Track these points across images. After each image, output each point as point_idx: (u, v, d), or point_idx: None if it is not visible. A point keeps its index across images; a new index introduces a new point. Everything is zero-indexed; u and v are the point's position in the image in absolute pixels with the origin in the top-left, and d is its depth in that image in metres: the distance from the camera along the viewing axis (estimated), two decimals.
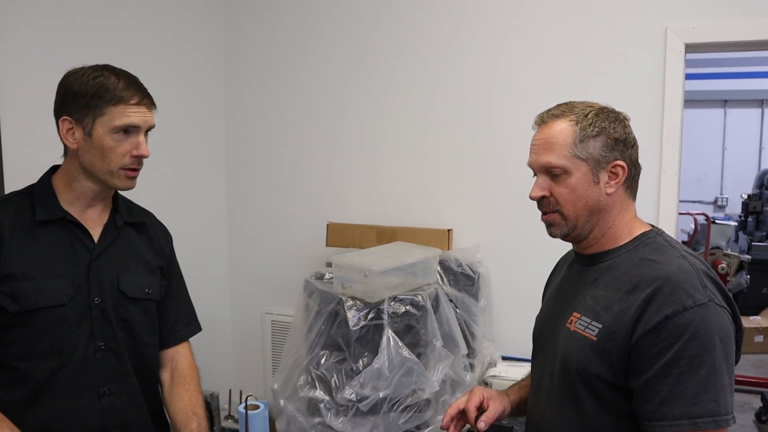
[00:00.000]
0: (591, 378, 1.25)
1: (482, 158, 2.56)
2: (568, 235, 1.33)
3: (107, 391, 1.50)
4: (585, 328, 1.27)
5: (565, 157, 1.27)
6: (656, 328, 1.16)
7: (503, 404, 1.49)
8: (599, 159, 1.27)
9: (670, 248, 1.28)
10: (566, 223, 1.31)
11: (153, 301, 1.61)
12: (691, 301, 1.16)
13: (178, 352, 1.69)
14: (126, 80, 1.45)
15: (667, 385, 1.15)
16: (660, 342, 1.16)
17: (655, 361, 1.16)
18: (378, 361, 1.92)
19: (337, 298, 2.03)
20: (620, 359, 1.21)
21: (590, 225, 1.31)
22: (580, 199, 1.28)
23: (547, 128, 1.31)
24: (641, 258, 1.27)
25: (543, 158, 1.29)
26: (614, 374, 1.22)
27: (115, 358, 1.51)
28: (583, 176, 1.27)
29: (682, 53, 2.26)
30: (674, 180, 2.34)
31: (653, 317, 1.17)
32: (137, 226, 1.63)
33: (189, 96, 2.81)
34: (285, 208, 2.94)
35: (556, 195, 1.30)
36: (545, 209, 1.33)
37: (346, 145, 2.79)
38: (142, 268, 1.60)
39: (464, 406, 1.46)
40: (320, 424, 1.98)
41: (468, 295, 2.35)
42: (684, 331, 1.14)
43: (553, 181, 1.29)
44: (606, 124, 1.29)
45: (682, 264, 1.22)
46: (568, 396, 1.31)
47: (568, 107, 1.32)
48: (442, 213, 2.61)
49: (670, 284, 1.18)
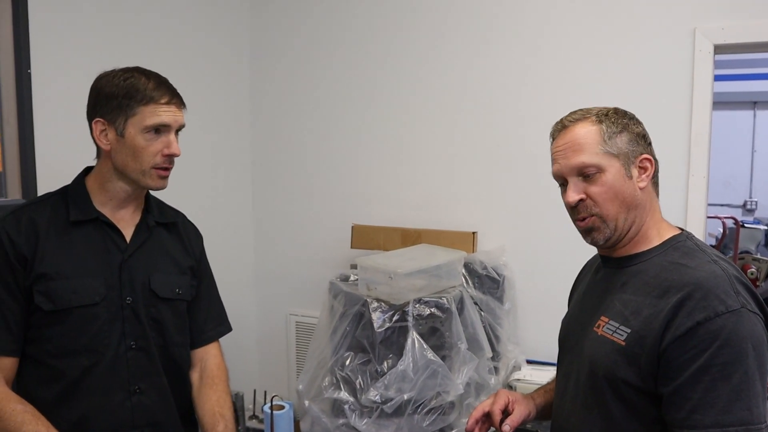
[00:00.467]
0: (618, 383, 1.23)
1: (508, 160, 2.55)
2: (611, 238, 1.28)
3: (138, 389, 1.52)
4: (613, 333, 1.26)
5: (597, 155, 1.25)
6: (687, 333, 1.14)
7: (528, 408, 1.48)
8: (629, 153, 1.26)
9: (701, 253, 1.26)
10: (607, 225, 1.27)
11: (183, 301, 1.62)
12: (724, 307, 1.14)
13: (208, 353, 1.71)
14: (156, 81, 1.48)
15: (698, 392, 1.13)
16: (691, 348, 1.14)
17: (685, 368, 1.14)
18: (402, 363, 1.92)
19: (362, 299, 2.04)
20: (649, 364, 1.19)
21: (628, 223, 1.28)
22: (617, 196, 1.25)
23: (570, 132, 1.29)
24: (672, 262, 1.25)
25: (574, 160, 1.27)
26: (643, 379, 1.21)
27: (145, 357, 1.53)
28: (617, 172, 1.25)
29: (710, 54, 2.22)
30: (703, 183, 2.31)
31: (684, 323, 1.15)
32: (168, 226, 1.64)
33: (215, 99, 2.84)
34: (310, 209, 2.95)
35: (592, 196, 1.26)
36: (582, 214, 1.28)
37: (372, 147, 2.80)
38: (173, 268, 1.61)
39: (489, 408, 1.45)
40: (344, 425, 1.99)
41: (493, 297, 2.34)
42: (716, 338, 1.12)
43: (587, 183, 1.27)
44: (626, 120, 1.29)
45: (714, 269, 1.20)
46: (594, 401, 1.29)
47: (584, 111, 1.31)
48: (467, 215, 2.60)
49: (702, 289, 1.16)
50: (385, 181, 2.78)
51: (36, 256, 1.44)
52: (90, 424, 1.47)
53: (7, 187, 2.08)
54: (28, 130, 2.05)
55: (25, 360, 1.47)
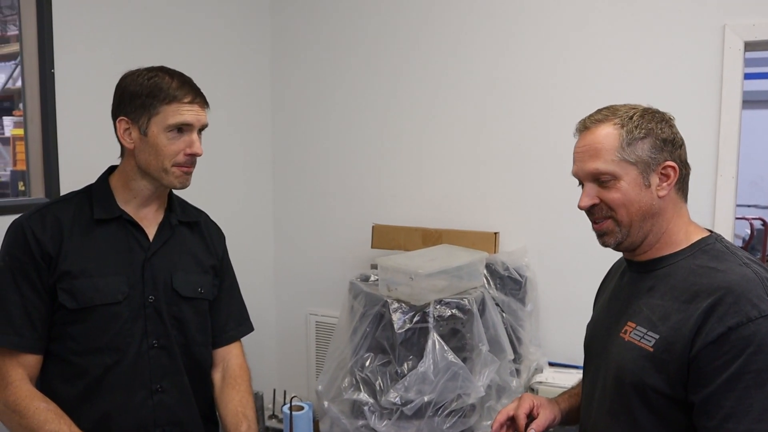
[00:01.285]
0: (646, 390, 1.20)
1: (530, 161, 2.52)
2: (622, 243, 1.27)
3: (159, 388, 1.52)
4: (641, 339, 1.22)
5: (612, 162, 1.22)
6: (719, 339, 1.11)
7: (554, 412, 1.46)
8: (649, 161, 1.23)
9: (732, 255, 1.22)
10: (620, 229, 1.25)
11: (205, 300, 1.62)
12: (756, 311, 1.10)
13: (230, 353, 1.71)
14: (179, 80, 1.48)
15: (730, 399, 1.10)
16: (723, 354, 1.11)
17: (717, 375, 1.11)
18: (423, 365, 1.90)
19: (383, 300, 2.02)
20: (678, 371, 1.16)
21: (644, 231, 1.25)
22: (632, 203, 1.23)
23: (590, 134, 1.26)
24: (700, 266, 1.21)
25: (589, 165, 1.25)
26: (671, 387, 1.17)
27: (167, 356, 1.53)
28: (633, 180, 1.23)
29: (741, 51, 2.17)
30: (731, 183, 2.26)
31: (715, 328, 1.11)
32: (191, 225, 1.65)
33: (236, 98, 2.85)
34: (330, 209, 2.95)
35: (607, 201, 1.25)
36: (597, 217, 1.28)
37: (393, 147, 2.78)
38: (195, 267, 1.61)
39: (514, 412, 1.43)
40: (364, 427, 1.98)
41: (515, 299, 2.32)
42: (749, 344, 1.09)
43: (602, 188, 1.25)
44: (653, 125, 1.24)
45: (746, 272, 1.16)
46: (621, 408, 1.26)
47: (610, 111, 1.27)
48: (488, 215, 2.58)
49: (733, 294, 1.12)
50: (406, 180, 2.76)
51: (60, 254, 1.45)
52: (112, 422, 1.47)
53: (30, 186, 2.10)
54: (52, 129, 2.07)
55: (48, 357, 1.47)
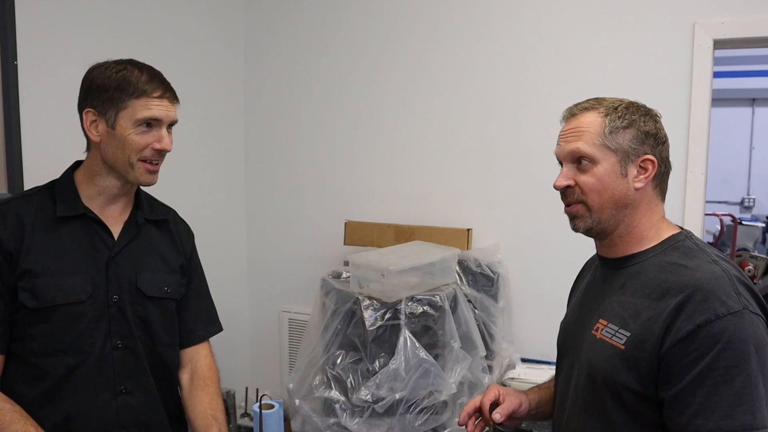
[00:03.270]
0: (618, 388, 1.21)
1: (503, 157, 2.52)
2: (592, 229, 1.28)
3: (124, 389, 1.48)
4: (612, 336, 1.23)
5: (593, 145, 1.24)
6: (688, 337, 1.11)
7: (520, 399, 1.46)
8: (628, 151, 1.24)
9: (701, 252, 1.22)
10: (590, 214, 1.26)
11: (172, 300, 1.59)
12: (725, 309, 1.11)
13: (198, 353, 1.67)
14: (149, 74, 1.44)
15: (700, 396, 1.10)
16: (692, 352, 1.11)
17: (687, 372, 1.11)
18: (394, 362, 1.89)
19: (354, 297, 2.01)
20: (649, 369, 1.16)
21: (615, 220, 1.26)
22: (606, 190, 1.24)
23: (576, 120, 1.29)
24: (670, 263, 1.22)
25: (571, 145, 1.26)
26: (642, 384, 1.18)
27: (132, 357, 1.50)
28: (611, 167, 1.24)
29: (710, 49, 2.20)
30: (701, 180, 2.28)
31: (685, 326, 1.12)
32: (159, 223, 1.61)
33: (208, 93, 2.80)
34: (303, 205, 2.92)
35: (581, 184, 1.26)
36: (569, 200, 1.29)
37: (366, 143, 2.77)
38: (162, 266, 1.58)
39: (480, 402, 1.43)
40: (336, 425, 1.96)
41: (487, 295, 2.32)
42: (717, 341, 1.09)
43: (579, 171, 1.26)
44: (636, 116, 1.25)
45: (714, 270, 1.17)
46: (594, 405, 1.26)
47: (597, 101, 1.30)
48: (461, 212, 2.58)
49: (702, 291, 1.13)
50: (380, 177, 2.75)
51: (21, 252, 1.40)
52: (75, 425, 1.44)
53: None
54: (15, 122, 2.01)
55: (9, 358, 1.43)
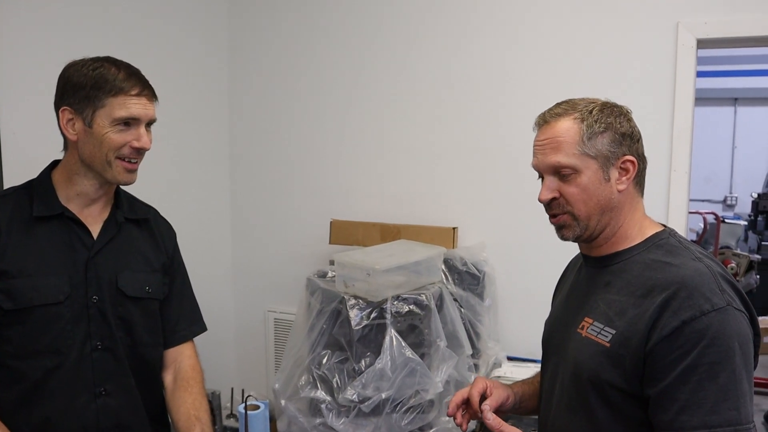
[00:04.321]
0: (603, 386, 1.21)
1: (489, 156, 2.52)
2: (580, 236, 1.28)
3: (103, 391, 1.46)
4: (597, 334, 1.23)
5: (574, 155, 1.22)
6: (673, 333, 1.11)
7: (507, 392, 1.46)
8: (608, 155, 1.23)
9: (685, 250, 1.23)
10: (578, 224, 1.26)
11: (154, 300, 1.57)
12: (709, 305, 1.11)
13: (182, 353, 1.65)
14: (126, 71, 1.41)
15: (684, 393, 1.10)
16: (677, 348, 1.11)
17: (672, 369, 1.12)
18: (380, 362, 1.88)
19: (340, 296, 2.00)
20: (635, 366, 1.17)
21: (602, 225, 1.26)
22: (591, 198, 1.24)
23: (550, 128, 1.26)
24: (655, 260, 1.22)
25: (551, 158, 1.24)
26: (628, 382, 1.18)
27: (112, 358, 1.47)
28: (594, 174, 1.23)
29: (693, 49, 2.21)
30: (684, 178, 2.30)
31: (670, 323, 1.12)
32: (140, 222, 1.59)
33: (192, 92, 2.78)
34: (288, 205, 2.91)
35: (566, 195, 1.25)
36: (555, 211, 1.28)
37: (351, 142, 2.75)
38: (144, 266, 1.55)
39: (468, 394, 1.43)
40: (322, 425, 1.95)
41: (473, 294, 2.31)
42: (702, 337, 1.10)
43: (562, 182, 1.25)
44: (612, 119, 1.24)
45: (698, 267, 1.17)
46: (579, 404, 1.26)
47: (569, 105, 1.27)
48: (447, 211, 2.58)
49: (687, 288, 1.13)
50: (365, 176, 2.74)
51: None
52: (53, 428, 1.41)
53: None
54: None
55: None
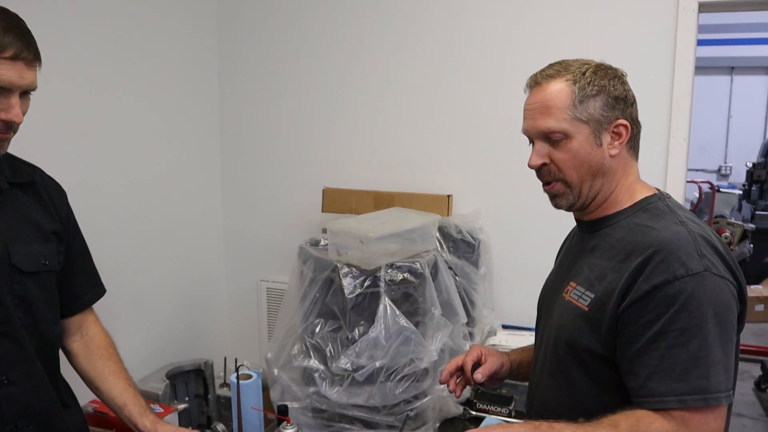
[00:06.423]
0: (580, 350, 1.20)
1: (484, 123, 2.48)
2: (574, 205, 1.26)
3: (5, 380, 1.30)
4: (578, 298, 1.22)
5: (564, 120, 1.18)
6: (644, 297, 1.09)
7: (501, 360, 1.45)
8: (600, 120, 1.19)
9: (670, 214, 1.20)
10: (571, 191, 1.23)
11: (51, 272, 1.40)
12: (684, 270, 1.08)
13: (87, 319, 1.55)
14: (4, 23, 1.16)
15: (654, 359, 1.08)
16: (648, 313, 1.09)
17: (642, 334, 1.10)
18: (374, 330, 1.86)
19: (332, 265, 1.96)
20: (609, 331, 1.15)
21: (594, 191, 1.23)
22: (583, 164, 1.20)
23: (541, 90, 1.22)
24: (638, 224, 1.19)
25: (540, 123, 1.21)
26: (604, 347, 1.16)
27: (11, 343, 1.30)
28: (585, 139, 1.19)
29: (695, 12, 2.15)
30: (683, 145, 2.26)
31: (642, 286, 1.10)
32: (24, 186, 1.37)
33: (180, 58, 2.70)
34: (280, 173, 2.86)
35: (556, 161, 1.22)
36: (546, 178, 1.25)
37: (344, 109, 2.70)
38: (36, 235, 1.37)
39: (462, 362, 1.42)
40: (315, 394, 1.93)
41: (468, 262, 2.29)
42: (673, 302, 1.07)
43: (553, 147, 1.21)
44: (605, 81, 1.20)
45: (679, 230, 1.14)
46: (559, 368, 1.26)
47: (562, 66, 1.23)
48: (441, 178, 2.54)
49: (663, 252, 1.10)
50: (358, 143, 2.69)
51: None
52: None
53: None
54: None
55: None
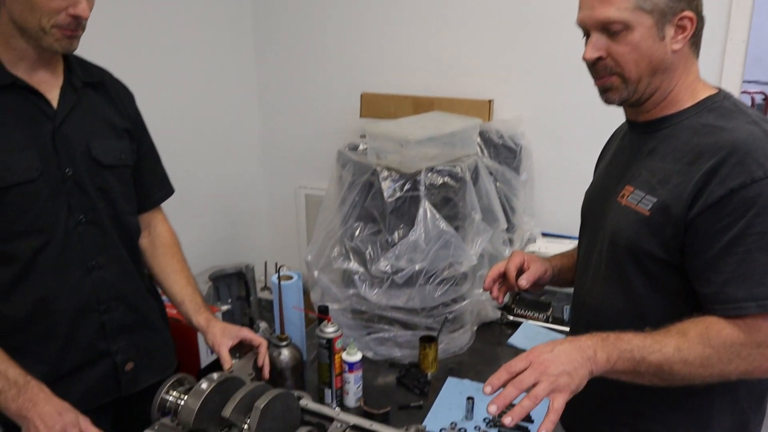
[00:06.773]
0: (641, 255, 1.16)
1: (526, 25, 2.37)
2: (627, 100, 1.18)
3: (96, 264, 1.41)
4: (638, 203, 1.17)
5: (626, 9, 1.10)
6: (720, 202, 1.04)
7: (544, 266, 1.45)
8: (665, 10, 1.11)
9: (741, 113, 1.13)
10: (626, 86, 1.16)
11: (128, 167, 1.49)
12: (762, 171, 1.03)
13: (155, 217, 1.63)
14: None
15: (731, 264, 1.04)
16: (724, 218, 1.04)
17: (717, 239, 1.05)
18: (414, 234, 1.85)
19: (372, 168, 1.94)
20: (674, 236, 1.11)
21: (652, 88, 1.16)
22: (643, 59, 1.13)
23: None
24: (705, 124, 1.13)
25: (600, 12, 1.12)
26: (667, 251, 1.13)
27: (98, 231, 1.41)
28: (647, 31, 1.11)
29: None
30: (741, 48, 2.14)
31: (716, 190, 1.05)
32: (95, 86, 1.45)
33: None
34: (317, 78, 2.81)
35: (615, 55, 1.14)
36: (602, 74, 1.17)
37: (381, 11, 2.60)
38: (111, 132, 1.45)
39: (504, 268, 1.42)
40: (355, 296, 1.96)
41: (509, 168, 2.25)
42: (752, 205, 1.02)
43: (611, 40, 1.13)
44: None
45: (754, 130, 1.07)
46: (615, 273, 1.23)
47: None
48: (483, 83, 2.46)
49: (738, 153, 1.04)
50: (397, 46, 2.61)
51: None
52: (51, 306, 1.36)
53: None
54: None
55: None
